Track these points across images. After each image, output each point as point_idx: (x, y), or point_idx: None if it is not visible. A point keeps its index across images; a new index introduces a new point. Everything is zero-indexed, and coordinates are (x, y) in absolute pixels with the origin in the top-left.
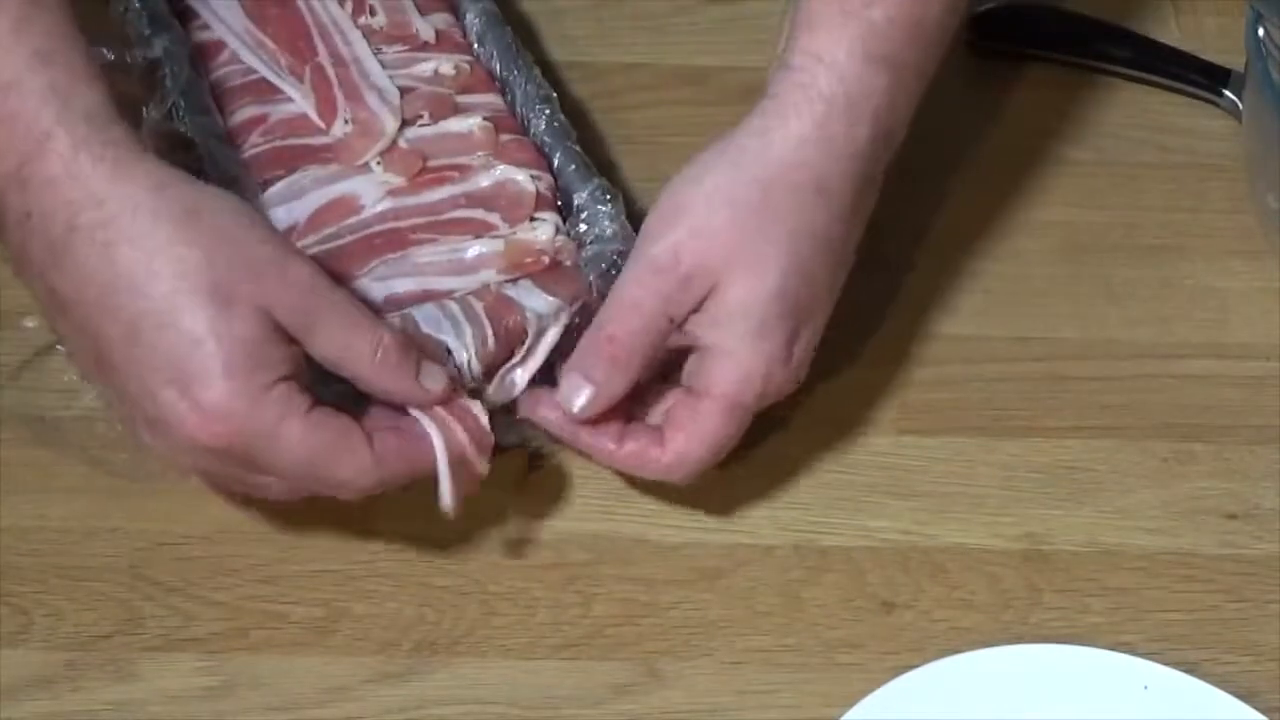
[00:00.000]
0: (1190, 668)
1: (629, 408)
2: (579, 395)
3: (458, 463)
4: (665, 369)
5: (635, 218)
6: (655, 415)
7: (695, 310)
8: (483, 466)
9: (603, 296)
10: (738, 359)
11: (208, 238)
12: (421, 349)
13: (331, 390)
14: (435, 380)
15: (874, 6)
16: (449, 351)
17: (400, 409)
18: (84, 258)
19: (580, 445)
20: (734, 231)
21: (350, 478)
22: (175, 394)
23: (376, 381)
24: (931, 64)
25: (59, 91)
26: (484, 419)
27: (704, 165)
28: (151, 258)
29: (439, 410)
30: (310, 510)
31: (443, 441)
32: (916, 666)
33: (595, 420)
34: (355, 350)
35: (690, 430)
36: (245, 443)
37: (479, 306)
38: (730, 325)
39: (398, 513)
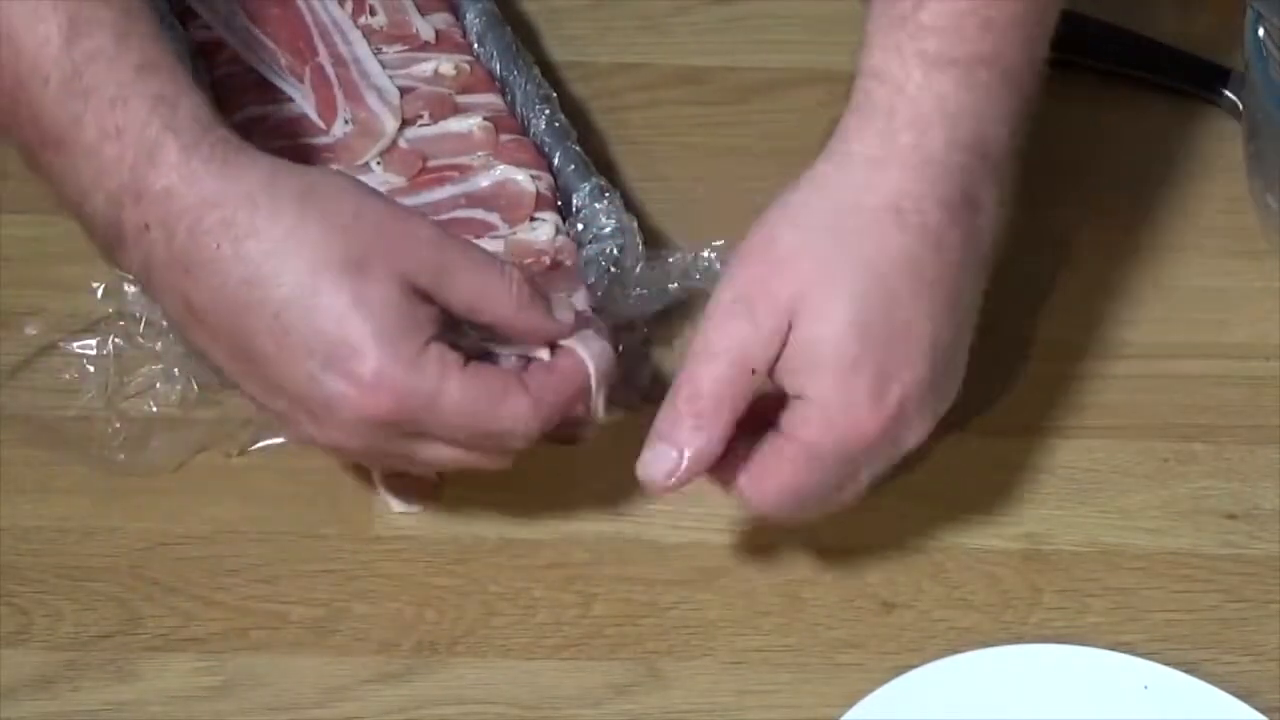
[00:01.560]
0: (1190, 668)
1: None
2: (665, 464)
3: (605, 377)
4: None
5: (635, 217)
6: None
7: (779, 356)
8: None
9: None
10: (817, 404)
11: (329, 215)
12: None
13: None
14: (565, 311)
15: (922, 8)
16: None
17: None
18: (213, 260)
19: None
20: (802, 263)
21: (512, 425)
22: (332, 374)
23: (516, 319)
24: (1023, 58)
25: (166, 100)
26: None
27: (789, 193)
28: (280, 245)
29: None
30: (312, 509)
31: (592, 356)
32: (916, 666)
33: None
34: (493, 291)
35: (766, 470)
36: (408, 408)
37: None
38: (808, 370)
39: (398, 513)
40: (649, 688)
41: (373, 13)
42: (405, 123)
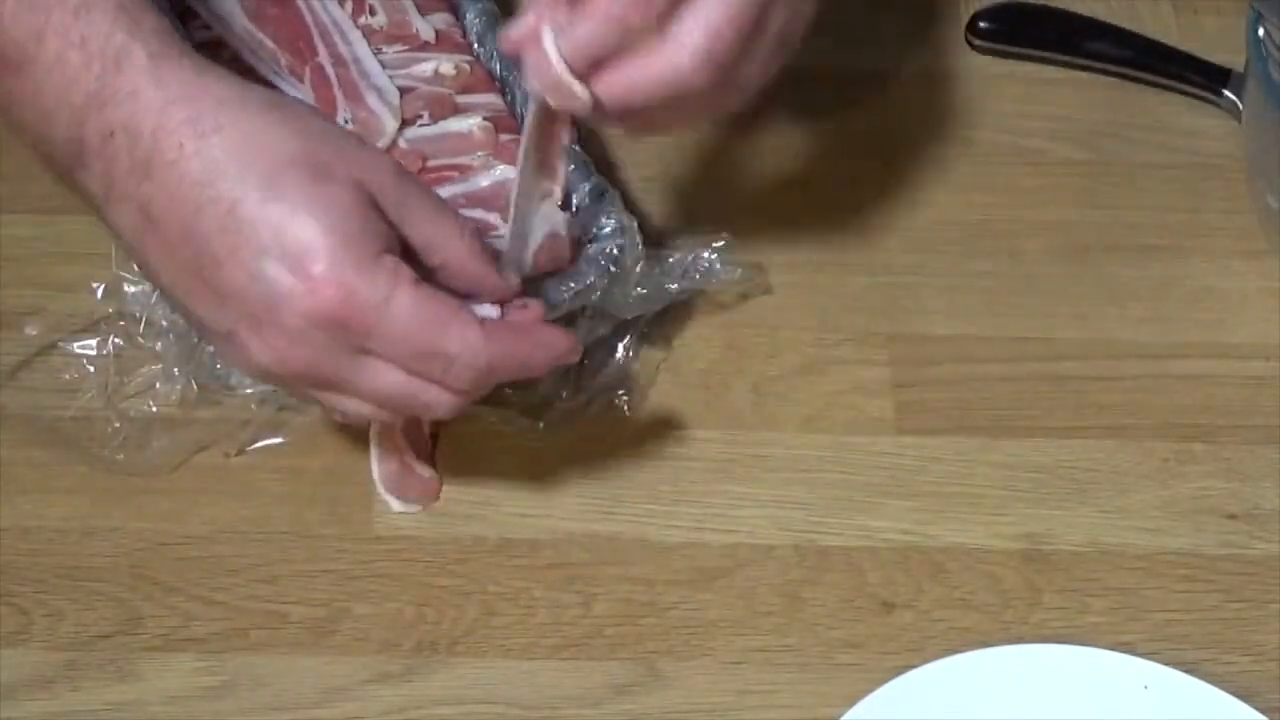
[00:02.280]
0: (1190, 668)
1: None
2: (518, 26)
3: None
4: None
5: (636, 217)
6: None
7: None
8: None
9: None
10: None
11: (296, 122)
12: None
13: None
14: (512, 276)
15: None
16: None
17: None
18: (176, 156)
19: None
20: None
21: (460, 349)
22: (283, 269)
23: (467, 263)
24: None
25: (127, 10)
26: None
27: None
28: (247, 141)
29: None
30: (312, 509)
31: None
32: (916, 666)
33: None
34: (446, 230)
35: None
36: (355, 310)
37: None
38: None
39: (398, 513)
40: (649, 688)
41: (373, 13)
42: (405, 123)
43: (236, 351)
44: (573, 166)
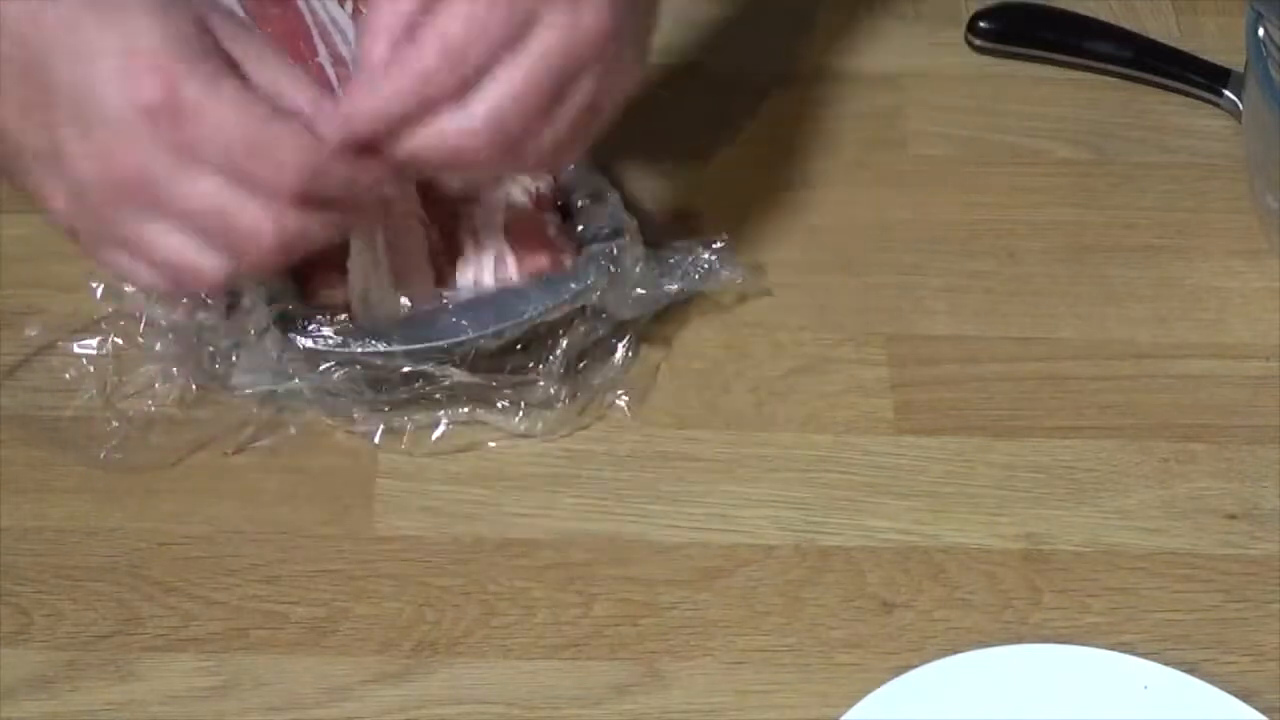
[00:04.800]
0: (1190, 668)
1: None
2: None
3: None
4: None
5: (636, 217)
6: None
7: None
8: None
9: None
10: None
11: None
12: None
13: None
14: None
15: None
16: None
17: None
18: None
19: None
20: None
21: (284, 141)
22: (113, 61)
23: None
24: None
25: None
26: None
27: None
28: None
29: None
30: (312, 509)
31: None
32: (916, 666)
33: None
34: (287, 78)
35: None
36: (179, 98)
37: None
38: None
39: (398, 513)
40: (649, 688)
41: None
42: None
43: (60, 171)
44: (572, 166)
